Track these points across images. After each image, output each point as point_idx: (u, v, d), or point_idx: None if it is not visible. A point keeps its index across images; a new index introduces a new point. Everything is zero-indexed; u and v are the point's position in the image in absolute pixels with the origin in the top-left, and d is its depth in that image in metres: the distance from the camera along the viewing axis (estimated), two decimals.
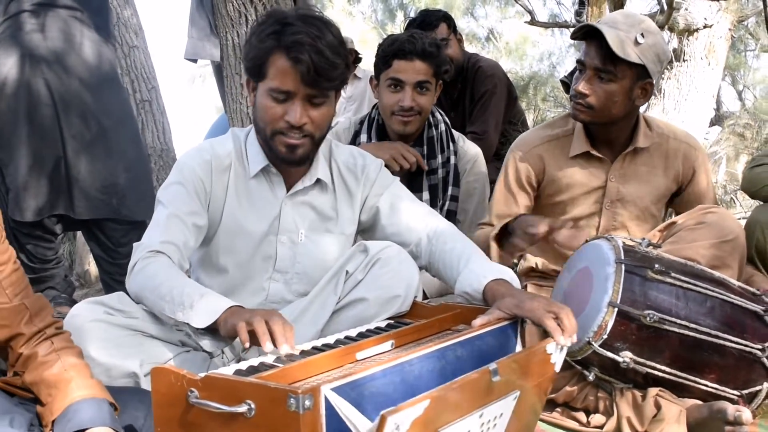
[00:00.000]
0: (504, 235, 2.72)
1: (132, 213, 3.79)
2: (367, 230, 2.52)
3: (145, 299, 2.09)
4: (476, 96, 4.29)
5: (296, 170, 2.37)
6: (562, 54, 10.72)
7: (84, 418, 1.69)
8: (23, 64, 3.61)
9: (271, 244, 2.39)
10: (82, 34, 3.74)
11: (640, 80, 2.74)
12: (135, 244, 2.20)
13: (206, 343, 2.19)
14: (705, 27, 5.61)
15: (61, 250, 4.56)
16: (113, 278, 3.86)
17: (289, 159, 2.27)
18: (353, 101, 5.71)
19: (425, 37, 3.11)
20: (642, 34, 2.67)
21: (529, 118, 5.15)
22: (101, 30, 3.84)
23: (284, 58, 2.15)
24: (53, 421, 1.71)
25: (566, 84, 3.49)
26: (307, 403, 1.35)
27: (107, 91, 3.80)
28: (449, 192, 3.21)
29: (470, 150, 3.34)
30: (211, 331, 1.94)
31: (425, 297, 2.93)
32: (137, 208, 3.80)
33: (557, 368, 1.93)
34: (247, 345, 1.79)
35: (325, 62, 2.13)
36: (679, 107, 5.70)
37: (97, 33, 3.81)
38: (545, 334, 1.90)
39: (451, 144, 3.27)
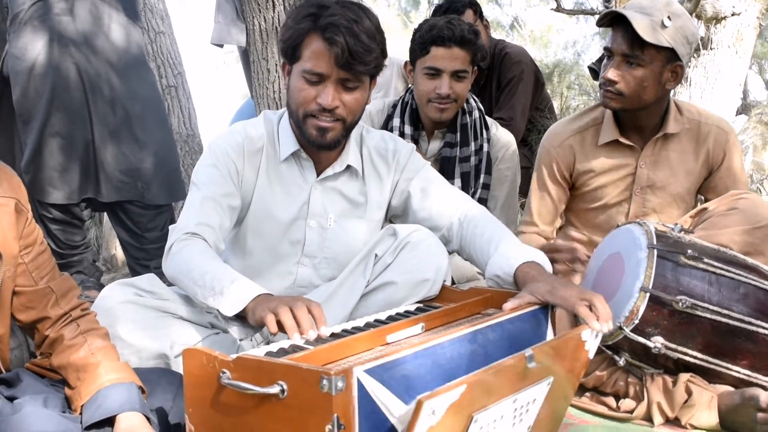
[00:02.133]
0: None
1: (156, 198, 3.81)
2: (398, 215, 2.51)
3: (179, 282, 2.09)
4: (503, 82, 4.27)
5: (327, 155, 2.37)
6: (587, 41, 10.62)
7: (113, 404, 1.70)
8: (52, 47, 3.63)
9: (300, 228, 2.39)
10: (110, 17, 3.76)
11: (670, 63, 2.70)
12: (171, 227, 2.22)
13: (235, 330, 2.19)
14: (733, 15, 5.53)
15: (89, 235, 4.58)
16: (139, 263, 3.88)
17: (319, 142, 2.25)
18: (379, 89, 5.68)
19: (463, 23, 3.06)
20: (669, 17, 2.63)
21: (554, 106, 5.12)
22: (129, 12, 3.85)
23: (319, 39, 2.15)
24: (82, 406, 1.72)
25: (594, 71, 3.46)
26: (340, 384, 1.35)
27: (135, 74, 3.82)
28: (481, 180, 3.18)
29: (503, 137, 3.30)
30: (241, 317, 1.94)
31: (452, 283, 2.91)
32: (161, 192, 3.81)
33: (591, 355, 1.91)
34: (276, 334, 1.78)
35: (360, 46, 2.13)
36: (706, 96, 5.62)
37: (126, 15, 3.82)
38: (576, 319, 1.88)
39: (484, 131, 3.24)
